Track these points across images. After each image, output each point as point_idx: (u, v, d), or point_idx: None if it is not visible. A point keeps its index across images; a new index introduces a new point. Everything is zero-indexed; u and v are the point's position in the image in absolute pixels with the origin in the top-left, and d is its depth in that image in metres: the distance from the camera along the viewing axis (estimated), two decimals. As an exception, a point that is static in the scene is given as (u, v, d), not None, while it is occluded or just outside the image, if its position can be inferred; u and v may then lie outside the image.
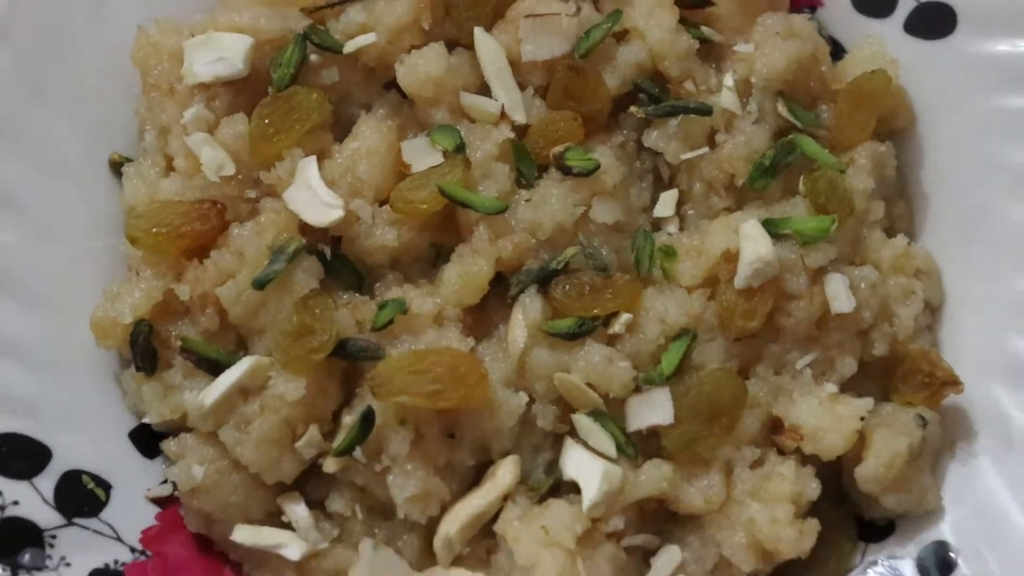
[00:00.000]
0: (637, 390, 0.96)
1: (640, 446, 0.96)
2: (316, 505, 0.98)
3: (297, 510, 0.97)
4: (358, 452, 0.94)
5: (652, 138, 1.00)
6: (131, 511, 1.00)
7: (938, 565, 0.99)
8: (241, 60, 0.98)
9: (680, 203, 1.01)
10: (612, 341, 0.97)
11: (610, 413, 0.96)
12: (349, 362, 0.96)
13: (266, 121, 0.97)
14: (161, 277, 0.98)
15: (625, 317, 0.96)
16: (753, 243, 0.95)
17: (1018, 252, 1.02)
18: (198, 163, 0.98)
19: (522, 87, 0.99)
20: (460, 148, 0.97)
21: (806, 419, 0.97)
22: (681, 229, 1.01)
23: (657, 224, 1.01)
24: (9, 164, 1.00)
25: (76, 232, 1.03)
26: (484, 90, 0.99)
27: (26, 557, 0.95)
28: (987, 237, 1.03)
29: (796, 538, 0.95)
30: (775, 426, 0.98)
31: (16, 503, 0.95)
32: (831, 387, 0.99)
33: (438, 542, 0.96)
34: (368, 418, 0.93)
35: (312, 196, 0.96)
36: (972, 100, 1.04)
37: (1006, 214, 1.02)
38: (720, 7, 1.02)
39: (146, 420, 1.01)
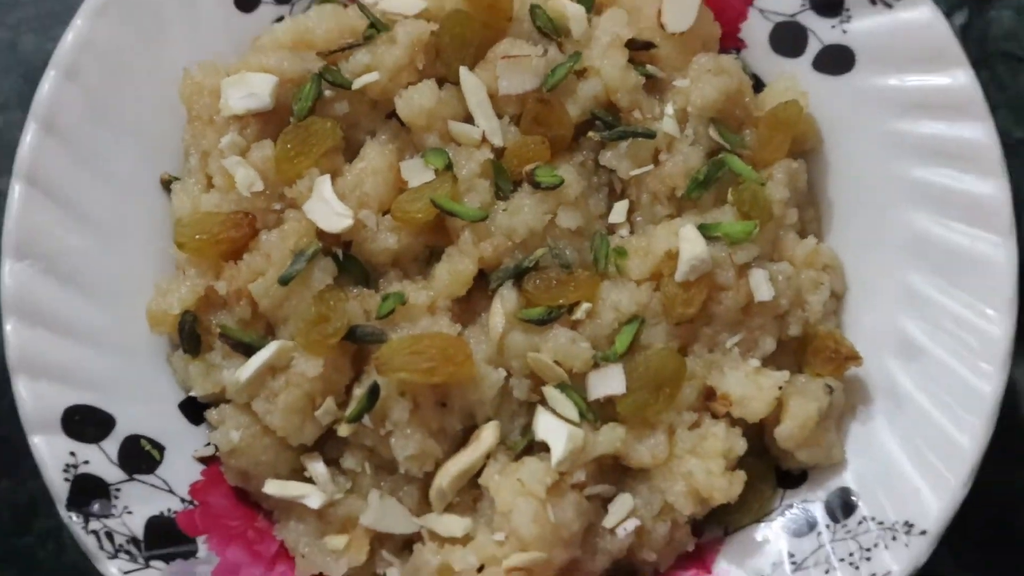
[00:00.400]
0: (595, 366, 0.93)
1: (598, 412, 0.93)
2: (332, 463, 0.96)
3: (317, 467, 0.94)
4: (366, 419, 0.91)
5: (607, 158, 0.97)
6: (181, 469, 0.97)
7: (842, 506, 0.96)
8: (268, 95, 0.94)
9: (630, 211, 0.98)
10: (575, 326, 0.93)
11: (573, 385, 0.93)
12: (358, 345, 0.93)
13: (288, 146, 0.94)
14: (203, 275, 0.96)
15: (585, 306, 0.93)
16: (690, 244, 0.92)
17: (907, 250, 0.98)
18: (233, 181, 0.94)
19: (499, 116, 0.96)
20: (449, 167, 0.94)
21: (734, 388, 0.94)
22: (631, 233, 0.98)
23: (611, 229, 0.98)
24: (80, 182, 0.97)
25: (134, 238, 0.99)
26: (468, 119, 0.96)
27: (95, 507, 0.92)
28: (882, 238, 1.00)
29: (727, 487, 0.92)
30: (709, 395, 0.95)
31: (87, 462, 0.93)
32: (755, 362, 0.96)
33: (433, 493, 0.93)
34: (374, 391, 0.91)
35: (327, 208, 0.93)
36: (868, 125, 1.00)
37: (897, 219, 0.99)
38: (662, 49, 0.98)
39: (192, 393, 0.97)
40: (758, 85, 1.03)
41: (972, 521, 0.94)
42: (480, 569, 0.91)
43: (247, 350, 0.93)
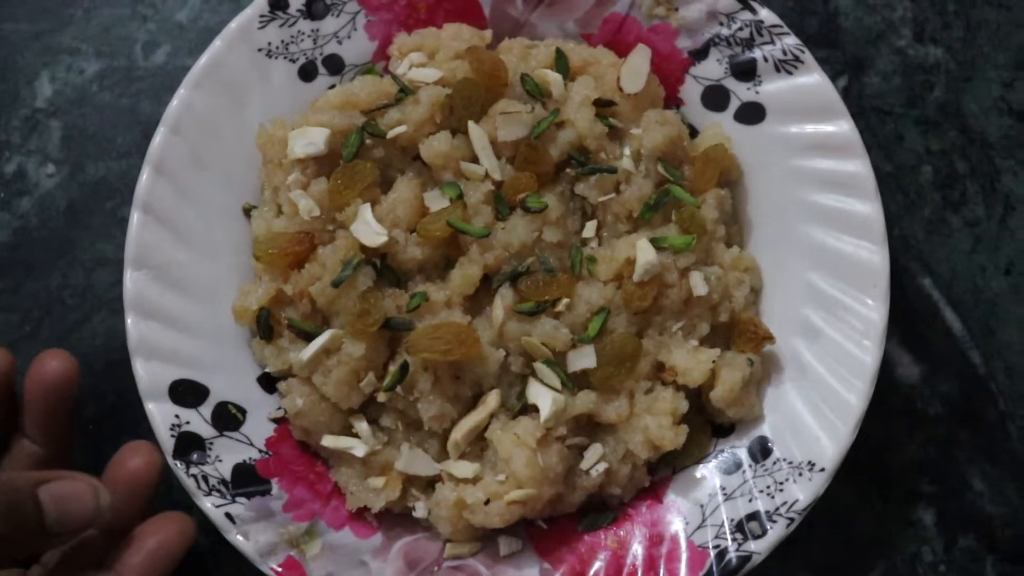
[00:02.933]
0: (573, 346, 0.84)
1: (576, 381, 0.85)
2: (373, 422, 0.87)
3: (361, 425, 0.86)
4: (399, 388, 0.83)
5: (580, 188, 0.88)
6: (259, 427, 0.87)
7: (761, 450, 0.87)
8: (323, 144, 0.85)
9: (598, 228, 0.88)
10: (557, 316, 0.85)
11: (557, 361, 0.84)
12: (392, 332, 0.84)
13: (339, 181, 0.85)
14: (275, 280, 0.86)
15: (565, 301, 0.84)
16: (644, 253, 0.84)
17: (807, 256, 0.89)
18: (297, 209, 0.85)
19: (498, 157, 0.86)
20: (460, 196, 0.85)
21: (679, 362, 0.86)
22: (599, 245, 0.89)
23: (584, 242, 0.89)
24: (182, 210, 0.87)
25: (223, 252, 0.89)
26: (474, 160, 0.86)
27: (194, 456, 0.83)
28: (787, 247, 0.91)
29: (674, 437, 0.84)
30: (659, 367, 0.87)
31: (188, 423, 0.84)
32: (693, 342, 0.87)
33: (450, 444, 0.85)
34: (405, 367, 0.82)
35: (368, 228, 0.84)
36: (776, 162, 0.91)
37: (799, 232, 0.90)
38: (620, 106, 0.89)
39: (267, 369, 0.88)
40: (693, 132, 0.95)
41: (857, 458, 0.85)
42: (487, 502, 0.82)
43: (308, 337, 0.85)
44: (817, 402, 0.87)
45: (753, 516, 0.85)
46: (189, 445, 0.84)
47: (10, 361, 0.84)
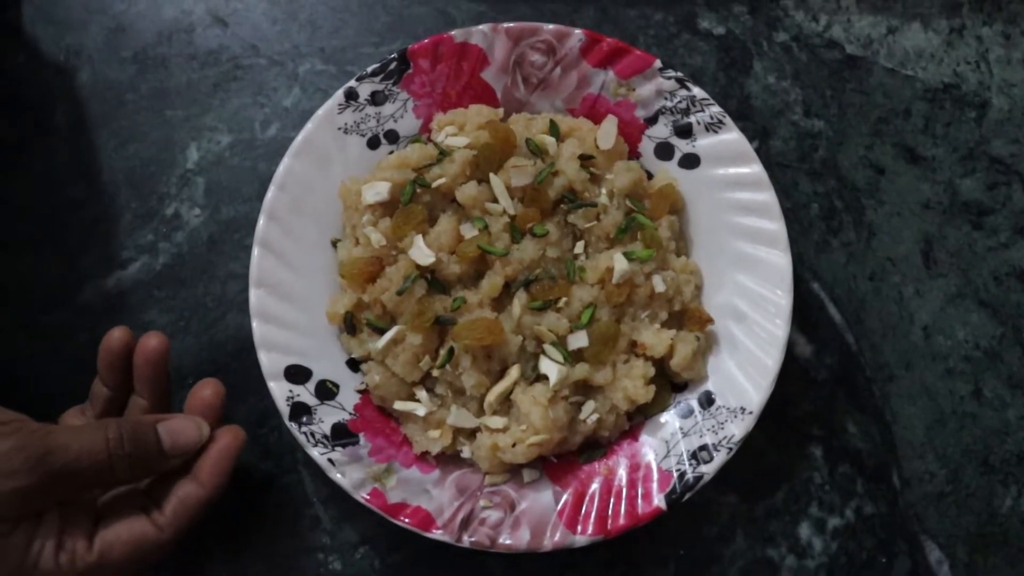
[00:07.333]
0: (571, 331, 0.88)
1: (574, 357, 0.88)
2: (430, 391, 0.91)
3: (422, 394, 0.90)
4: (448, 366, 0.87)
5: (571, 218, 0.92)
6: (348, 397, 0.91)
7: (707, 401, 0.91)
8: (386, 193, 0.90)
9: (585, 247, 0.93)
10: (559, 310, 0.89)
11: (560, 343, 0.88)
12: (441, 326, 0.88)
13: (398, 219, 0.90)
14: (355, 292, 0.91)
15: (564, 299, 0.89)
16: (619, 263, 0.88)
17: (734, 262, 0.94)
18: (369, 240, 0.90)
19: (512, 198, 0.91)
20: (486, 227, 0.90)
21: (647, 340, 0.89)
22: (587, 258, 0.93)
23: (576, 256, 0.92)
24: (289, 245, 0.93)
25: (318, 273, 0.94)
26: (495, 200, 0.91)
27: (304, 419, 0.87)
28: (720, 256, 0.95)
29: (645, 393, 0.88)
30: (633, 344, 0.91)
31: (298, 395, 0.89)
32: (657, 325, 0.91)
33: (486, 405, 0.88)
34: (451, 351, 0.86)
35: (421, 252, 0.88)
36: (709, 195, 0.95)
37: (728, 245, 0.95)
38: (598, 158, 0.94)
39: (352, 356, 0.92)
40: (649, 176, 0.98)
41: (769, 411, 0.91)
42: (513, 445, 0.87)
43: (381, 331, 0.89)
44: (745, 365, 0.91)
45: (703, 447, 0.89)
46: (300, 411, 0.88)
47: (166, 343, 0.86)
